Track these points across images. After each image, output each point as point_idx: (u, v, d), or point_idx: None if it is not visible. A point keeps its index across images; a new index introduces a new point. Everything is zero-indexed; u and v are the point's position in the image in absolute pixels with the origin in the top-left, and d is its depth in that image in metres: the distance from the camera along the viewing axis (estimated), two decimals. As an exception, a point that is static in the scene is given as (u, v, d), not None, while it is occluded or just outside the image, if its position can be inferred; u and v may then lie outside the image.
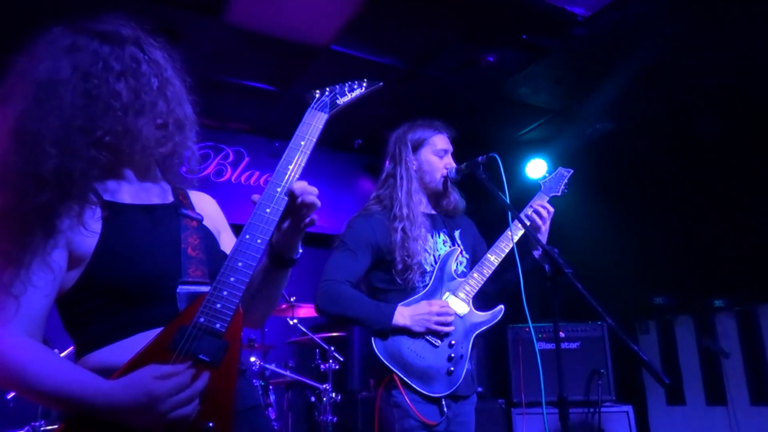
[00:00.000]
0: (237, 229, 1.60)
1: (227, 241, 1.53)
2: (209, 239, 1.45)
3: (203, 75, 4.91)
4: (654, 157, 5.23)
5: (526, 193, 2.52)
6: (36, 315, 1.21)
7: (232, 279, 1.24)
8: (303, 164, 1.36)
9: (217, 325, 1.20)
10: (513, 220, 2.30)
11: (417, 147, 2.48)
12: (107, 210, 1.30)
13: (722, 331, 4.83)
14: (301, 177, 1.35)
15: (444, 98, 5.30)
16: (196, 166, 1.49)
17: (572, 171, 2.60)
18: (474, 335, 2.30)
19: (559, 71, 4.86)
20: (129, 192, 1.38)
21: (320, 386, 4.32)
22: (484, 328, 2.32)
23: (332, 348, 4.46)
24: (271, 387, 4.27)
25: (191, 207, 1.48)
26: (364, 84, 1.56)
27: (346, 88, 1.53)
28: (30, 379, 1.14)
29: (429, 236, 2.40)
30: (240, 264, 1.25)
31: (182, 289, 1.29)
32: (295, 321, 4.52)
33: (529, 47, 4.49)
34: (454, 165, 2.47)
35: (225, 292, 1.22)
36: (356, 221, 2.41)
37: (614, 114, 5.37)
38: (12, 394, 3.39)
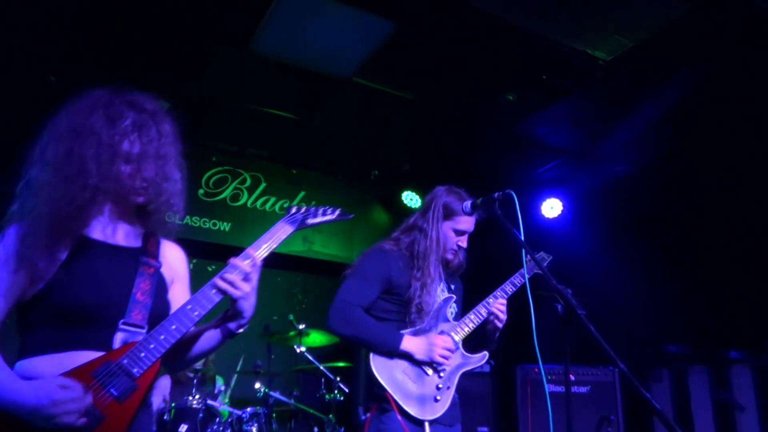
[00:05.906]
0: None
1: (178, 291, 1.72)
2: (160, 285, 1.63)
3: (226, 101, 5.00)
4: (672, 203, 5.19)
5: (540, 231, 2.50)
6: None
7: (162, 337, 1.47)
8: (258, 264, 1.58)
9: (135, 370, 1.43)
10: (527, 257, 2.30)
11: (446, 217, 2.58)
12: (76, 241, 1.51)
13: (737, 384, 4.71)
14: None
15: (462, 134, 5.33)
16: (177, 220, 1.68)
17: (552, 257, 2.82)
18: (460, 372, 2.49)
19: (579, 113, 4.88)
20: (101, 229, 1.59)
21: (324, 417, 4.26)
22: (470, 368, 2.52)
23: (338, 379, 4.41)
24: (274, 415, 4.22)
25: (155, 254, 1.66)
26: (337, 212, 1.85)
27: (319, 212, 1.81)
28: None
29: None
30: (173, 327, 1.49)
31: (121, 328, 1.49)
32: (303, 349, 4.49)
33: (549, 88, 4.53)
34: (465, 245, 2.61)
35: (152, 346, 1.46)
36: (372, 254, 2.53)
37: (632, 157, 5.36)
38: None
